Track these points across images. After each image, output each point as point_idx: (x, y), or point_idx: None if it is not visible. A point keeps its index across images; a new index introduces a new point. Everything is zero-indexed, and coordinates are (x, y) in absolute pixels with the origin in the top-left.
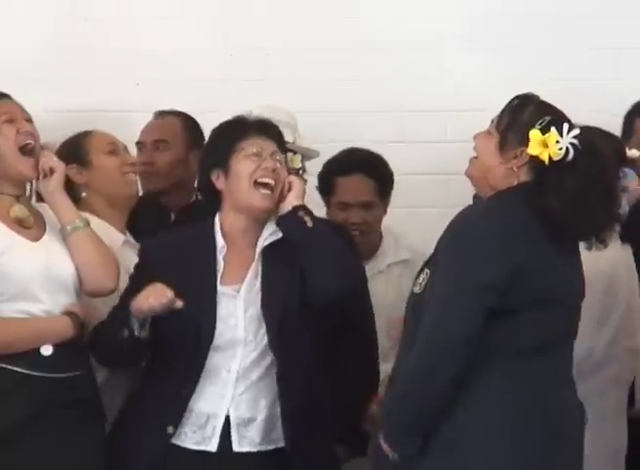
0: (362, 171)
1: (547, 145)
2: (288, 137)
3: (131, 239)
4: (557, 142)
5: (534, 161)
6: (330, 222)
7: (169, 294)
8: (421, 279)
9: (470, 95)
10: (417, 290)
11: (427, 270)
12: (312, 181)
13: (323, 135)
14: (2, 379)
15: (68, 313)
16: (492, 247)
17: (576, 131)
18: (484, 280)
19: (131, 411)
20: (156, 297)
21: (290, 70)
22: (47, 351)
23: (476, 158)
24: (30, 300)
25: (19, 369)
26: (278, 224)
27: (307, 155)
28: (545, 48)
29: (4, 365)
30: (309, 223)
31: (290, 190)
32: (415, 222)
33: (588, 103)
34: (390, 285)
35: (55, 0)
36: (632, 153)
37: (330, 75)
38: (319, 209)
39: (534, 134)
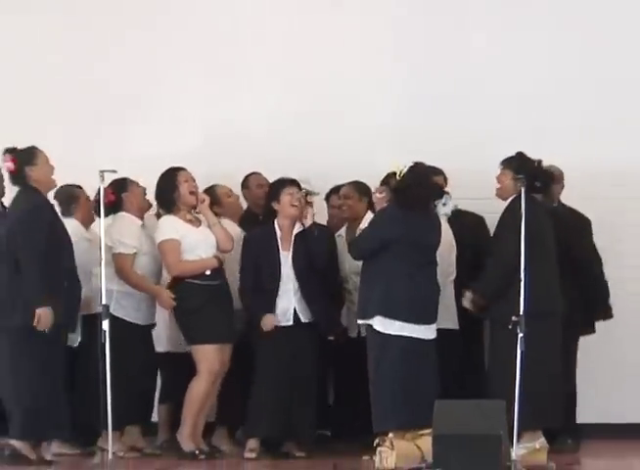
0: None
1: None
2: (306, 186)
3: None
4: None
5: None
6: (326, 227)
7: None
8: None
9: None
10: None
11: None
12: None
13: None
14: (190, 287)
15: (216, 257)
16: (390, 221)
17: (408, 168)
18: (384, 236)
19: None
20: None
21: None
22: (208, 272)
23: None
24: (199, 251)
25: (197, 281)
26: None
27: (314, 193)
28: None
29: (191, 281)
30: (316, 232)
31: (307, 215)
32: None
33: None
34: None
35: (199, 108)
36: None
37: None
38: None
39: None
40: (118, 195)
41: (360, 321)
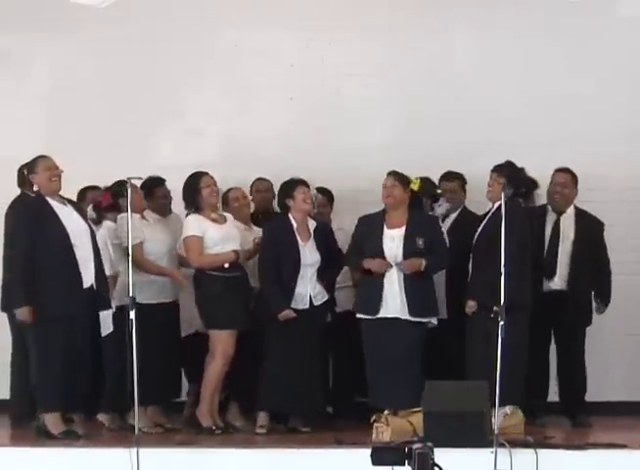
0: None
1: (414, 185)
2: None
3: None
4: (415, 184)
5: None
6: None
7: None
8: None
9: None
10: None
11: None
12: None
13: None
14: (209, 277)
15: (234, 251)
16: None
17: (419, 182)
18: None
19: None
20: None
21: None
22: (227, 265)
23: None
24: (218, 247)
25: (218, 273)
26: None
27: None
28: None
29: (212, 273)
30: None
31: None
32: None
33: None
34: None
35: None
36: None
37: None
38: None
39: (413, 183)
40: (116, 200)
41: (424, 319)
